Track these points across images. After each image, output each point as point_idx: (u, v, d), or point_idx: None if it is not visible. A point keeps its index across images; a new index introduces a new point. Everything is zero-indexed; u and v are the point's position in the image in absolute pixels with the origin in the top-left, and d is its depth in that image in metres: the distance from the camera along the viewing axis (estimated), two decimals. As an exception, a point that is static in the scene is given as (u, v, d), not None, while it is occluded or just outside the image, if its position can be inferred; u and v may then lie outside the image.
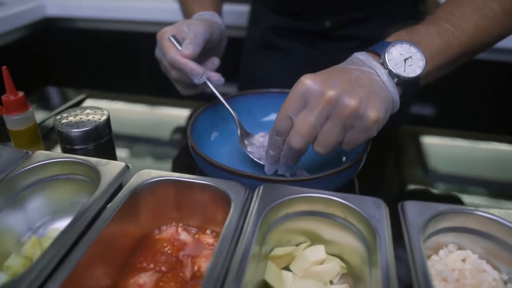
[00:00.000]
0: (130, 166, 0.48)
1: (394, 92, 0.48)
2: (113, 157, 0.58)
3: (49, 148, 0.62)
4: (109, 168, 0.46)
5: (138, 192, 0.45)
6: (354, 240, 0.43)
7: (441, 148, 0.71)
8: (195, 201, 0.47)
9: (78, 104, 0.80)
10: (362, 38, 0.81)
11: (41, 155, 0.49)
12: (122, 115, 0.79)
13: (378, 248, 0.38)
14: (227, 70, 1.02)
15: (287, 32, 0.85)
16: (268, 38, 0.88)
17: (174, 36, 0.60)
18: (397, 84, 0.49)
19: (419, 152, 0.69)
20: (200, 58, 0.60)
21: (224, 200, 0.44)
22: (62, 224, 0.49)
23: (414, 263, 0.36)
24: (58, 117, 0.55)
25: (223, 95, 0.61)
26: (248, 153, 0.59)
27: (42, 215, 0.49)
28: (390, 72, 0.48)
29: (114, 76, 1.45)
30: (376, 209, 0.42)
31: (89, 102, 0.82)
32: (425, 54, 0.50)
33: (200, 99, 0.72)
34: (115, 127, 0.58)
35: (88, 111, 0.57)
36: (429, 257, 0.43)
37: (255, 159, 0.58)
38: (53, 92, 0.89)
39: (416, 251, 0.37)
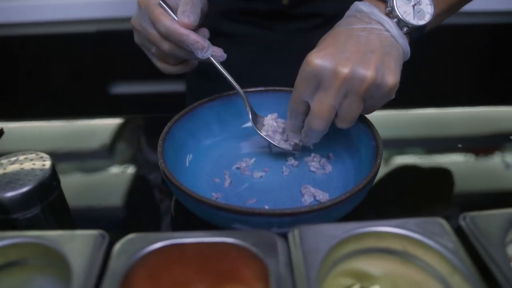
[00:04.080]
0: (106, 235, 0.34)
1: (404, 43, 0.46)
2: (67, 218, 0.44)
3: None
4: (78, 246, 0.33)
5: (130, 273, 0.32)
6: (420, 275, 0.34)
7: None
8: (204, 259, 0.35)
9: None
10: (324, 15, 0.72)
11: (-34, 240, 0.34)
12: (61, 149, 0.62)
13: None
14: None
15: (240, 15, 0.74)
16: (218, 25, 0.76)
17: (164, 1, 0.49)
18: (405, 33, 0.46)
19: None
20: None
21: (244, 250, 0.33)
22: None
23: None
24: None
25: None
26: (265, 137, 0.52)
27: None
28: (399, 22, 0.45)
29: (27, 93, 1.21)
30: (442, 233, 0.34)
31: (9, 139, 0.63)
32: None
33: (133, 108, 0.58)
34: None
35: (20, 158, 0.41)
36: None
37: (275, 144, 0.52)
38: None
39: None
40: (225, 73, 0.51)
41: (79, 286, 0.30)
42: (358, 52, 0.42)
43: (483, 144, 0.61)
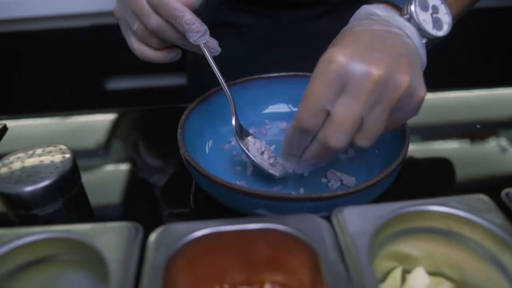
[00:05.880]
0: (140, 227, 0.32)
1: (424, 55, 0.40)
2: (88, 213, 0.42)
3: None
4: (111, 239, 0.31)
5: (170, 264, 0.30)
6: (465, 254, 0.33)
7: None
8: (245, 247, 0.33)
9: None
10: (328, 2, 0.70)
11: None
12: (67, 144, 0.59)
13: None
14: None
15: (243, 5, 0.72)
16: (220, 16, 0.73)
17: None
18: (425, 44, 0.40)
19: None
20: None
21: (288, 236, 0.32)
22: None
23: None
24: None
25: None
26: (251, 156, 0.45)
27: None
28: (419, 31, 0.39)
29: (21, 89, 1.18)
30: (487, 209, 0.33)
31: (13, 136, 0.61)
32: (448, 5, 0.42)
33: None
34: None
35: (38, 150, 0.39)
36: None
37: (257, 164, 0.45)
38: None
39: None
40: (216, 69, 0.46)
41: (118, 280, 0.28)
42: (389, 54, 0.35)
43: (499, 125, 0.60)
